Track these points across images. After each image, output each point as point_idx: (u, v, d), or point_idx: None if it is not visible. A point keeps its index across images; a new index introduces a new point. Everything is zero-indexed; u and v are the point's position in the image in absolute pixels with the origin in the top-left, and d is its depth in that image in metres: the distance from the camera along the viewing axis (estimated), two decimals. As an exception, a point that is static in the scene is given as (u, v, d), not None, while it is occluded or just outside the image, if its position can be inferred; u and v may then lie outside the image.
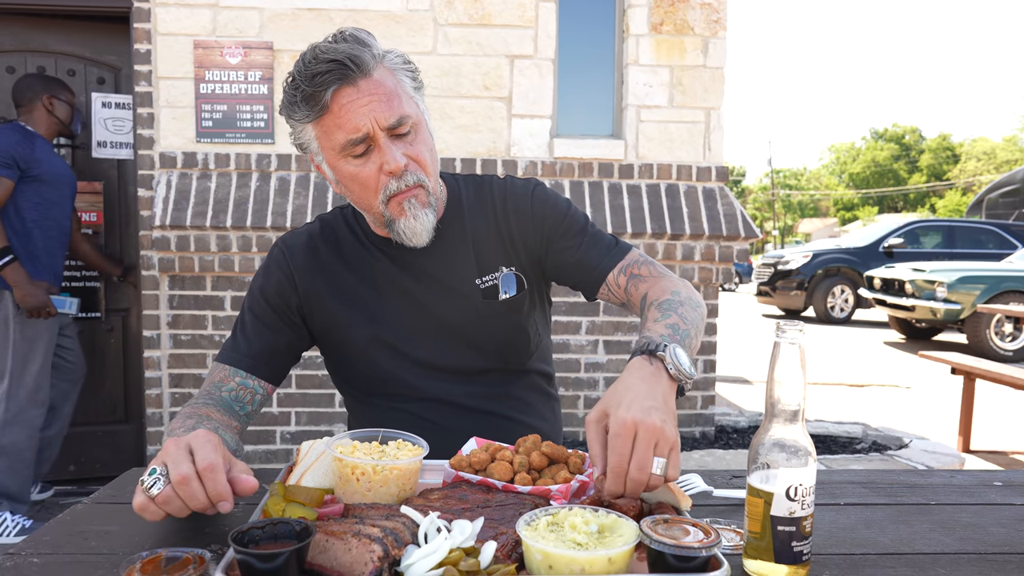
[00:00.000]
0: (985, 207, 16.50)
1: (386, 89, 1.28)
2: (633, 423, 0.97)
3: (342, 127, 1.26)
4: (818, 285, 12.33)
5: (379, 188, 1.30)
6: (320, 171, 1.40)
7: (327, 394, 3.96)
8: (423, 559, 0.84)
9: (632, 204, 4.01)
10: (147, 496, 0.93)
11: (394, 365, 1.45)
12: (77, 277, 3.96)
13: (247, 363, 1.40)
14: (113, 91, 4.01)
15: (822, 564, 0.95)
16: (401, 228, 1.34)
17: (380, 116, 1.26)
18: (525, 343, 1.51)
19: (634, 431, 0.97)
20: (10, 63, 3.81)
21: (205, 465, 0.94)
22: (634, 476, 0.96)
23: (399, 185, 1.30)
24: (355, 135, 1.26)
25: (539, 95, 4.02)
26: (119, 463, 3.97)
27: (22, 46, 3.82)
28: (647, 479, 0.96)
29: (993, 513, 1.15)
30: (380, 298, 1.45)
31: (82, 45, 3.92)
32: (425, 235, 1.36)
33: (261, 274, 1.49)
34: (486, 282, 1.46)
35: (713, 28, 4.06)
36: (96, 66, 3.97)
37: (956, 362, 4.78)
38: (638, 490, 0.97)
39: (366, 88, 1.26)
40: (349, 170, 1.31)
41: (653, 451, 0.97)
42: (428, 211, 1.34)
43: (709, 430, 4.19)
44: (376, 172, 1.29)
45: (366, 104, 1.25)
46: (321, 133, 1.30)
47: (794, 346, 0.89)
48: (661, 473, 0.97)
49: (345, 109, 1.25)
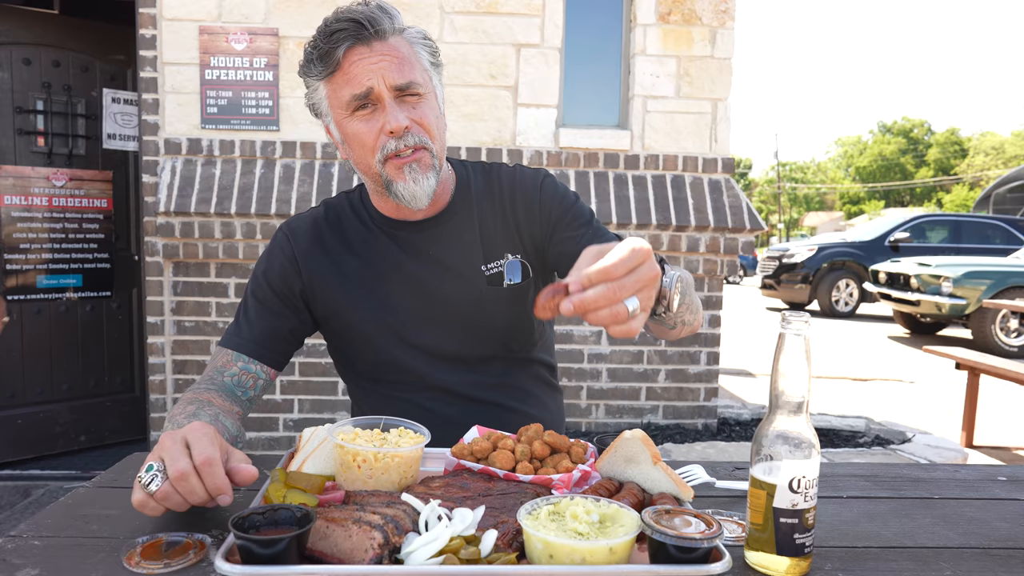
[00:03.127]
0: (993, 202, 16.42)
1: (399, 54, 1.29)
2: (638, 250, 0.92)
3: (349, 83, 1.28)
4: (823, 279, 12.30)
5: (376, 147, 1.30)
6: (329, 134, 1.40)
7: (330, 382, 3.97)
8: (424, 547, 0.84)
9: (637, 195, 4.00)
10: (146, 493, 0.93)
11: (398, 351, 1.45)
12: (89, 260, 4.08)
13: (249, 348, 1.40)
14: (123, 87, 4.21)
15: (824, 557, 0.94)
16: (399, 190, 1.33)
17: (388, 76, 1.27)
18: (529, 331, 1.51)
19: (638, 257, 0.91)
20: (26, 55, 3.94)
21: (202, 460, 0.93)
22: (606, 293, 0.89)
23: (398, 145, 1.29)
24: (359, 90, 1.27)
25: (545, 84, 4.00)
26: (128, 430, 4.29)
27: (37, 40, 3.95)
28: (619, 300, 0.90)
29: (997, 508, 1.15)
30: (385, 283, 1.44)
31: (96, 43, 4.12)
32: (424, 199, 1.34)
33: (264, 258, 1.48)
34: (491, 269, 1.45)
35: (721, 18, 4.03)
36: (108, 63, 4.17)
37: (961, 357, 4.76)
38: (603, 303, 0.90)
39: (379, 49, 1.28)
40: (354, 128, 1.31)
41: (637, 285, 0.91)
42: (431, 174, 1.33)
43: (712, 422, 4.19)
44: (377, 131, 1.29)
45: (376, 63, 1.27)
46: (331, 91, 1.32)
47: (799, 337, 0.89)
48: (633, 308, 0.91)
49: (355, 66, 1.27)
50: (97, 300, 4.14)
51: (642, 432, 1.07)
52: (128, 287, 4.27)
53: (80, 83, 4.06)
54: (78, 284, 4.05)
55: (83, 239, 4.06)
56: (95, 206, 4.10)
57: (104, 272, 4.14)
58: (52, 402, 4.01)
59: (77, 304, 4.07)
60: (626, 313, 0.92)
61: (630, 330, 0.94)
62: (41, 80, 3.92)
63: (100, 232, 4.13)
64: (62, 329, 4.03)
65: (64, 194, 3.98)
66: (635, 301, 0.92)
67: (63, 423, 4.04)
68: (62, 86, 3.98)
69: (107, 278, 4.16)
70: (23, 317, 3.90)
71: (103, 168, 4.14)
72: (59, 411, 4.02)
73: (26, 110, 3.87)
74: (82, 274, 4.07)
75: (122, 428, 4.27)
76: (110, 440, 4.22)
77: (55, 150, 3.95)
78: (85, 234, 4.07)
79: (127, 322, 4.31)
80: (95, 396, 4.15)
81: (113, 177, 4.16)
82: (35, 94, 3.90)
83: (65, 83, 4.00)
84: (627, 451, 1.07)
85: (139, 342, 4.32)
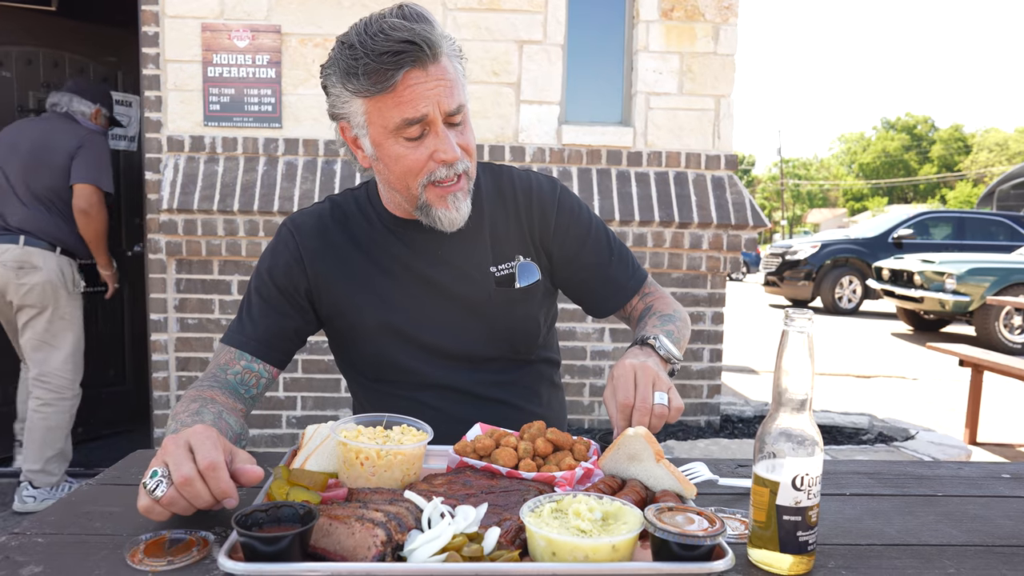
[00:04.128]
0: (996, 199, 16.36)
1: (449, 76, 1.26)
2: (631, 366, 1.20)
3: (402, 107, 1.23)
4: (826, 275, 12.28)
5: (423, 172, 1.28)
6: (349, 141, 1.36)
7: (333, 379, 3.97)
8: (426, 544, 0.84)
9: (640, 192, 3.99)
10: (151, 499, 0.93)
11: (403, 352, 1.44)
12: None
13: (252, 346, 1.39)
14: (115, 89, 4.28)
15: (827, 554, 0.94)
16: (438, 215, 1.32)
17: (443, 101, 1.24)
18: (535, 332, 1.51)
19: (633, 372, 1.19)
20: (28, 55, 4.02)
21: (206, 464, 0.93)
22: (639, 407, 1.15)
23: (447, 173, 1.28)
24: (414, 115, 1.23)
25: (548, 81, 4.00)
26: (122, 421, 4.48)
27: (38, 41, 4.04)
28: (650, 407, 1.15)
29: (1001, 505, 1.14)
30: (392, 283, 1.43)
31: (92, 45, 4.20)
32: (461, 223, 1.34)
33: (269, 254, 1.46)
34: (501, 270, 1.45)
35: (724, 15, 4.02)
36: (102, 65, 4.27)
37: (964, 354, 4.75)
38: (645, 419, 1.15)
39: (434, 73, 1.24)
40: (397, 151, 1.28)
41: (652, 387, 1.17)
42: (468, 198, 1.34)
43: (715, 419, 4.18)
44: (426, 157, 1.27)
45: (432, 88, 1.23)
46: (374, 109, 1.26)
47: (803, 334, 0.88)
48: (664, 403, 1.16)
49: (411, 91, 1.22)
50: (90, 294, 4.05)
51: (645, 429, 1.07)
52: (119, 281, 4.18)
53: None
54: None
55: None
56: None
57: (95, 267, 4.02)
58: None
59: None
60: (663, 407, 1.17)
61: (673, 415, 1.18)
62: (41, 80, 3.94)
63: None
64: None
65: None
66: (661, 396, 1.17)
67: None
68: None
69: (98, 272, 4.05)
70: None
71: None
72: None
73: (28, 109, 3.88)
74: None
75: (115, 419, 4.41)
76: (105, 431, 4.35)
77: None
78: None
79: (119, 315, 4.40)
80: (89, 387, 4.11)
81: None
82: (36, 93, 3.94)
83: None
84: (630, 448, 1.07)
85: (131, 335, 4.49)
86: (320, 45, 3.87)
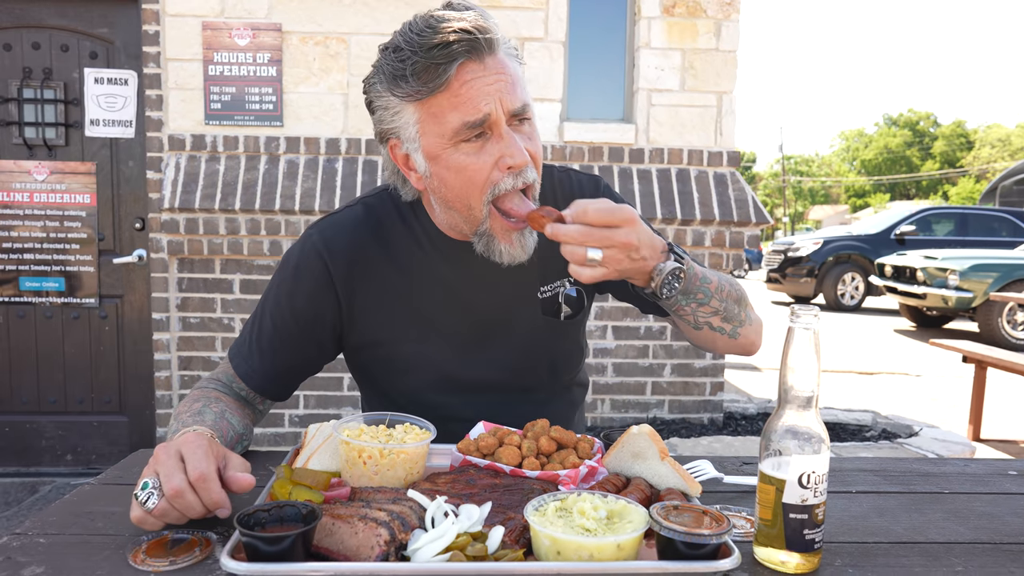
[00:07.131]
0: (999, 195, 16.35)
1: (510, 70, 1.11)
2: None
3: (460, 107, 1.08)
4: (828, 272, 12.27)
5: (487, 184, 1.12)
6: (400, 162, 1.20)
7: (336, 377, 3.97)
8: (430, 543, 0.84)
9: (642, 189, 3.98)
10: (143, 510, 0.92)
11: (440, 387, 1.32)
12: (71, 261, 3.89)
13: (258, 382, 1.30)
14: (106, 66, 3.84)
15: (834, 552, 0.93)
16: (500, 250, 1.18)
17: (506, 99, 1.09)
18: (578, 359, 1.43)
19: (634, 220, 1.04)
20: (7, 40, 3.80)
21: (197, 475, 0.92)
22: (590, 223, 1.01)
23: (515, 183, 1.12)
24: (475, 116, 1.08)
25: (549, 78, 3.99)
26: (115, 454, 3.98)
27: (17, 22, 3.78)
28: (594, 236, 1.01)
29: (1008, 502, 1.14)
30: (436, 311, 1.29)
31: (76, 18, 3.81)
32: (524, 259, 1.20)
33: (291, 275, 1.28)
34: (545, 292, 1.34)
35: (726, 11, 4.01)
36: (89, 39, 3.83)
37: (967, 350, 4.74)
38: (572, 237, 1.02)
39: (492, 66, 1.09)
40: (458, 161, 1.12)
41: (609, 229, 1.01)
42: (535, 232, 1.18)
43: (718, 416, 4.18)
44: (491, 165, 1.11)
45: (492, 83, 1.08)
46: (427, 115, 1.11)
47: (808, 331, 0.88)
48: (591, 259, 1.02)
49: (468, 87, 1.08)
50: (80, 308, 3.91)
51: (649, 427, 1.06)
52: (114, 294, 3.98)
53: (61, 64, 3.80)
54: (60, 288, 3.88)
55: (64, 238, 3.88)
56: (76, 202, 3.87)
57: (87, 276, 3.91)
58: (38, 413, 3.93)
59: (60, 311, 3.91)
60: (583, 257, 1.02)
61: (581, 275, 1.04)
62: (22, 65, 3.74)
63: (82, 231, 3.88)
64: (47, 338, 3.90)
65: (46, 190, 3.84)
66: (597, 252, 1.02)
67: (49, 437, 3.94)
68: (42, 69, 3.79)
69: (90, 284, 3.91)
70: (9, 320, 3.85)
71: (84, 159, 3.86)
72: (45, 425, 3.93)
73: (7, 99, 3.74)
74: (64, 277, 3.89)
75: (108, 453, 3.98)
76: (96, 464, 3.97)
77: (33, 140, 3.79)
78: (67, 232, 3.88)
79: (114, 335, 3.96)
80: (82, 414, 3.98)
81: (96, 170, 3.86)
82: (15, 82, 3.74)
83: (45, 66, 3.79)
84: (634, 446, 1.06)
85: (132, 358, 3.99)
86: (321, 43, 3.86)
